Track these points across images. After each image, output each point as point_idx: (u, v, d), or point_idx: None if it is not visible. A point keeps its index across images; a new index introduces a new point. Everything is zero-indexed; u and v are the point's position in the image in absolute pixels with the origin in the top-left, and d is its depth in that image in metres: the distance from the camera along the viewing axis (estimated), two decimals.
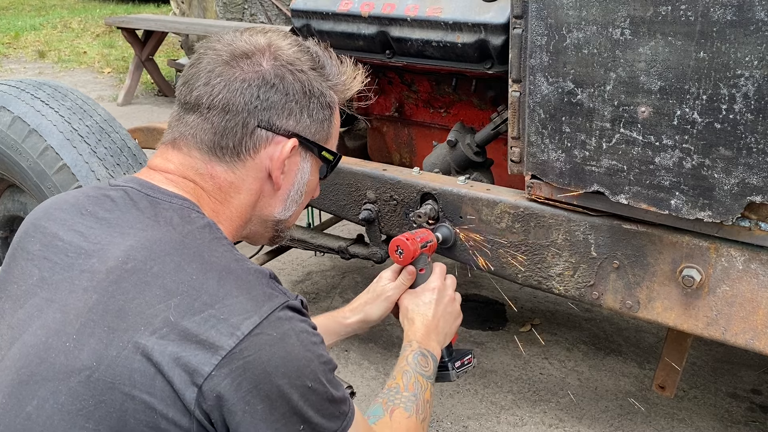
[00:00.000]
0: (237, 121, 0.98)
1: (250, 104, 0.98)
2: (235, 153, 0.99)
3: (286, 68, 1.01)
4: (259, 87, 0.99)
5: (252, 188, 1.03)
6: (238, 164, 1.00)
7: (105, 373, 0.80)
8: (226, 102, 0.98)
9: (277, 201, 1.07)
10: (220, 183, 1.00)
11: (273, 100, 0.99)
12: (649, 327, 2.63)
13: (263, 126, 0.99)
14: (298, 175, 1.07)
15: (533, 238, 1.61)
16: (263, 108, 0.99)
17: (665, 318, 1.48)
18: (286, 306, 0.87)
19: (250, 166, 1.01)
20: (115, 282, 0.85)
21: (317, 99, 1.04)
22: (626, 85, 1.32)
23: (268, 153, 1.01)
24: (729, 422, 2.14)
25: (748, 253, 1.34)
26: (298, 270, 3.16)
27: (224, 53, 1.00)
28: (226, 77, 0.98)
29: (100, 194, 0.97)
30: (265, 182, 1.03)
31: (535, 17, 1.40)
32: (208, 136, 0.99)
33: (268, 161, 1.01)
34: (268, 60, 1.00)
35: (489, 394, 2.28)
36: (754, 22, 1.15)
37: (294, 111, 1.01)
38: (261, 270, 0.92)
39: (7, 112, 1.81)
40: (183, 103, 1.01)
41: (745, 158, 1.23)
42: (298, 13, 2.14)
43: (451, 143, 1.96)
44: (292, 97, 1.01)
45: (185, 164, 1.00)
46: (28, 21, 10.04)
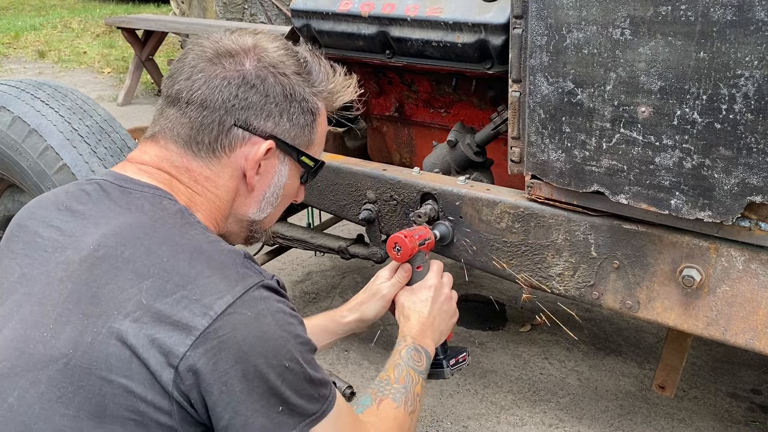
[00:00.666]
0: (214, 118, 0.99)
1: (227, 102, 0.99)
2: (210, 149, 1.00)
3: (268, 70, 1.01)
4: (239, 86, 0.99)
5: (228, 186, 1.03)
6: (213, 161, 1.01)
7: (81, 359, 0.81)
8: (204, 98, 0.98)
9: (251, 201, 1.07)
10: (196, 176, 1.01)
11: (252, 100, 1.00)
12: (649, 327, 2.63)
13: (240, 125, 1.00)
14: (275, 178, 1.07)
15: (533, 238, 1.61)
16: (241, 107, 0.99)
17: (665, 318, 1.48)
18: (261, 285, 0.87)
19: (225, 164, 1.01)
20: (87, 270, 0.86)
21: (298, 103, 1.04)
22: (626, 85, 1.32)
23: (243, 152, 1.01)
24: (729, 422, 2.14)
25: (748, 253, 1.34)
26: (298, 270, 3.17)
27: (209, 50, 1.01)
28: (207, 74, 0.99)
29: (76, 189, 0.99)
30: (240, 181, 1.04)
31: (535, 17, 1.40)
32: (185, 131, 1.00)
33: (243, 161, 1.02)
34: (252, 61, 1.01)
35: (489, 394, 2.28)
36: (754, 22, 1.15)
37: (273, 113, 1.02)
38: (235, 250, 0.92)
39: (7, 112, 1.81)
40: (165, 96, 1.03)
41: (745, 158, 1.23)
42: (298, 13, 2.14)
43: (451, 143, 1.96)
44: (272, 99, 1.01)
45: (161, 156, 1.01)
46: (28, 21, 10.04)
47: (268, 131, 1.02)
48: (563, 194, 1.53)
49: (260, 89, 1.00)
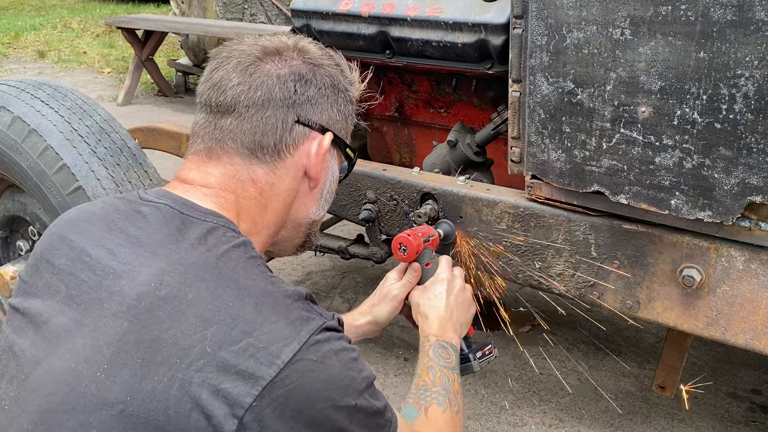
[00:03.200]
0: (277, 117, 0.97)
1: (289, 99, 0.98)
2: (275, 152, 0.98)
3: (315, 63, 1.01)
4: (296, 81, 0.98)
5: (290, 188, 1.02)
6: (279, 164, 0.99)
7: (139, 408, 0.76)
8: (265, 97, 0.97)
9: (312, 200, 1.06)
10: (262, 186, 0.99)
11: (309, 94, 0.99)
12: (649, 327, 2.63)
13: (301, 121, 0.99)
14: (329, 172, 1.07)
15: (533, 238, 1.61)
16: (300, 102, 0.99)
17: (665, 318, 1.48)
18: (324, 328, 0.85)
19: (289, 165, 1.00)
20: (147, 309, 0.81)
21: (343, 94, 1.05)
22: (626, 85, 1.32)
23: (305, 150, 1.01)
24: (729, 422, 2.14)
25: (748, 253, 1.34)
26: (298, 270, 3.16)
27: (256, 51, 1.00)
28: (263, 73, 0.97)
29: (130, 209, 0.93)
30: (301, 181, 1.03)
31: (535, 17, 1.40)
32: (248, 137, 0.97)
33: (305, 158, 1.01)
34: (298, 57, 1.01)
35: (489, 394, 2.28)
36: (754, 22, 1.15)
37: (326, 106, 1.02)
38: (297, 292, 0.90)
39: (7, 112, 1.81)
40: (214, 106, 0.98)
41: (745, 158, 1.23)
42: (298, 13, 2.14)
43: (451, 143, 1.96)
44: (324, 91, 1.01)
45: (226, 174, 0.97)
46: (28, 21, 10.04)
47: (324, 124, 1.02)
48: (563, 194, 1.52)
49: (314, 82, 1.00)
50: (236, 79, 0.97)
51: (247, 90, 0.96)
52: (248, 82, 0.97)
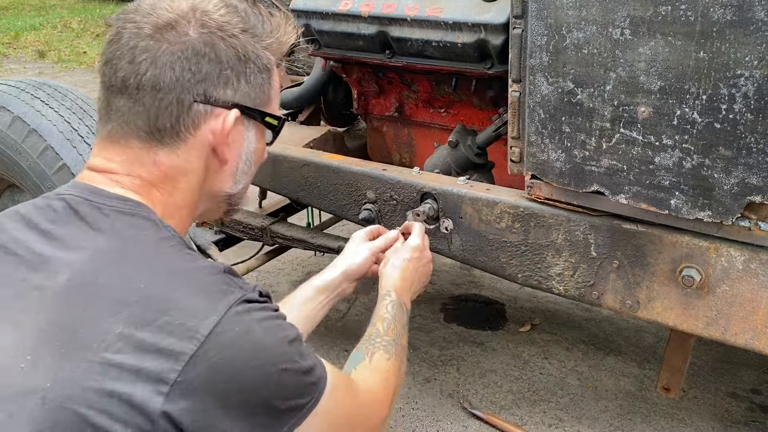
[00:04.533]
0: (171, 99, 0.91)
1: (182, 78, 0.91)
2: (174, 133, 0.93)
3: (215, 35, 0.93)
4: (189, 59, 0.91)
5: (198, 167, 0.97)
6: (180, 144, 0.94)
7: (59, 393, 0.76)
8: (155, 80, 0.90)
9: (225, 175, 1.02)
10: (165, 170, 0.95)
11: (206, 70, 0.92)
12: (649, 327, 2.63)
13: (200, 100, 0.93)
14: (244, 145, 1.02)
15: (533, 238, 1.61)
16: (197, 81, 0.92)
17: (665, 318, 1.48)
18: (244, 300, 0.85)
19: (192, 145, 0.95)
20: (64, 299, 0.82)
21: (253, 63, 0.97)
22: (626, 85, 1.32)
23: (209, 127, 0.95)
24: (729, 422, 2.14)
25: (748, 253, 1.34)
26: (298, 270, 3.16)
27: (146, 26, 0.92)
28: (152, 52, 0.90)
29: (44, 204, 0.92)
30: (210, 158, 0.98)
31: (535, 17, 1.40)
32: (143, 120, 0.92)
33: (210, 136, 0.95)
34: (195, 27, 0.93)
35: (489, 394, 2.28)
36: (754, 22, 1.15)
37: (231, 79, 0.95)
38: (213, 266, 0.89)
39: (7, 112, 1.81)
40: (109, 85, 0.93)
41: (745, 158, 1.23)
42: (298, 13, 2.14)
43: (452, 144, 1.96)
44: (227, 64, 0.94)
45: (128, 160, 0.94)
46: (28, 21, 10.04)
47: (230, 99, 0.96)
48: (563, 194, 1.53)
49: (212, 57, 0.93)
50: (126, 58, 0.91)
51: (137, 71, 0.90)
52: (137, 63, 0.90)
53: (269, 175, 2.11)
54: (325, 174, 1.95)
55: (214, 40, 0.93)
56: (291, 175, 2.04)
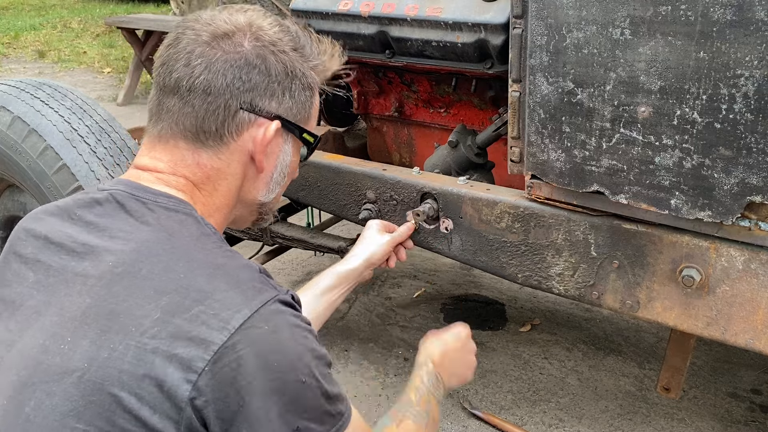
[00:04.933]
0: (219, 103, 0.96)
1: (232, 85, 0.96)
2: (218, 136, 0.98)
3: (267, 49, 0.99)
4: (241, 68, 0.97)
5: (236, 172, 1.02)
6: (222, 148, 0.99)
7: (95, 374, 0.80)
8: (207, 84, 0.96)
9: (260, 184, 1.06)
10: (208, 171, 0.99)
11: (255, 81, 0.98)
12: (648, 327, 2.63)
13: (246, 108, 0.98)
14: (281, 157, 1.06)
15: (533, 238, 1.61)
16: (245, 89, 0.97)
17: (665, 318, 1.48)
18: (278, 300, 0.87)
19: (233, 149, 1.00)
20: (106, 286, 0.86)
21: (299, 80, 1.03)
22: (626, 85, 1.32)
23: (251, 135, 1.00)
24: (729, 422, 2.14)
25: (748, 253, 1.34)
26: (298, 270, 3.16)
27: (204, 33, 0.97)
28: (207, 58, 0.96)
29: (88, 198, 0.97)
30: (248, 165, 1.03)
31: (535, 17, 1.40)
32: (190, 121, 0.97)
33: (251, 144, 1.00)
34: (250, 40, 0.98)
35: (489, 394, 2.28)
36: (754, 22, 1.15)
37: (276, 92, 1.00)
38: (250, 264, 0.92)
39: (7, 112, 1.81)
40: (162, 86, 0.99)
41: (745, 158, 1.23)
42: (298, 13, 2.14)
43: (452, 144, 1.96)
44: (275, 78, 0.99)
45: (174, 159, 0.99)
46: (28, 21, 10.04)
47: (273, 111, 1.01)
48: (563, 194, 1.52)
49: (262, 69, 0.98)
50: (182, 61, 0.96)
51: (191, 74, 0.96)
52: (192, 66, 0.96)
53: None
54: (325, 174, 1.95)
55: (266, 54, 0.98)
56: None
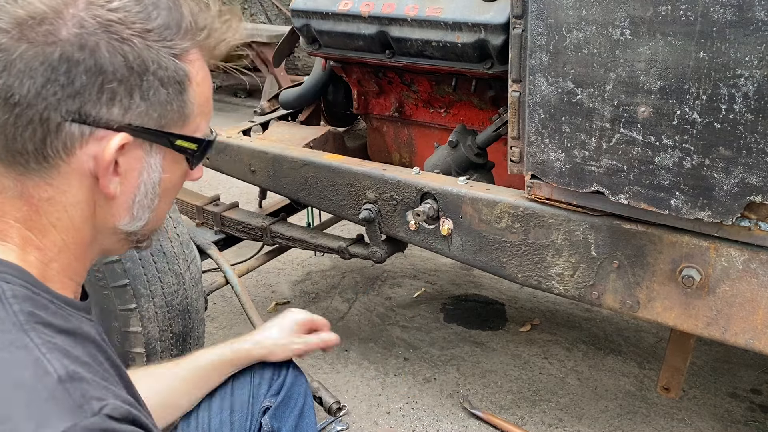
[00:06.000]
0: (31, 116, 0.71)
1: (45, 91, 0.70)
2: (41, 157, 0.73)
3: (97, 35, 0.71)
4: (56, 67, 0.70)
5: (79, 200, 0.77)
6: (51, 171, 0.74)
7: None
8: (8, 90, 0.70)
9: (118, 211, 0.81)
10: (35, 203, 0.75)
11: (81, 82, 0.71)
12: (649, 327, 2.63)
13: (73, 119, 0.72)
14: (144, 175, 0.80)
15: (533, 238, 1.61)
16: (68, 95, 0.71)
17: (665, 318, 1.48)
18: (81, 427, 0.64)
19: (66, 173, 0.75)
20: None
21: (152, 74, 0.75)
22: (626, 85, 1.32)
23: (88, 153, 0.74)
24: (729, 422, 2.14)
25: (748, 253, 1.34)
26: (298, 270, 3.16)
27: (5, 19, 0.70)
28: (7, 53, 0.69)
29: None
30: (95, 190, 0.77)
31: (535, 17, 1.40)
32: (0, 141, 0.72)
33: (91, 163, 0.75)
34: (71, 24, 0.71)
35: (489, 394, 2.28)
36: (754, 22, 1.15)
37: (118, 94, 0.74)
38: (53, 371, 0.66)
39: None
40: None
41: (745, 158, 1.23)
42: (298, 13, 2.14)
43: (452, 144, 1.96)
44: (112, 76, 0.72)
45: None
46: None
47: (116, 120, 0.74)
48: (563, 194, 1.53)
49: (90, 65, 0.71)
50: None
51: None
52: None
53: (269, 175, 2.11)
54: (325, 174, 1.95)
55: (96, 44, 0.71)
56: (291, 175, 2.04)
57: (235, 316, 2.73)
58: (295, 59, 5.87)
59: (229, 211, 2.38)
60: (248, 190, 3.63)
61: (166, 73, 0.77)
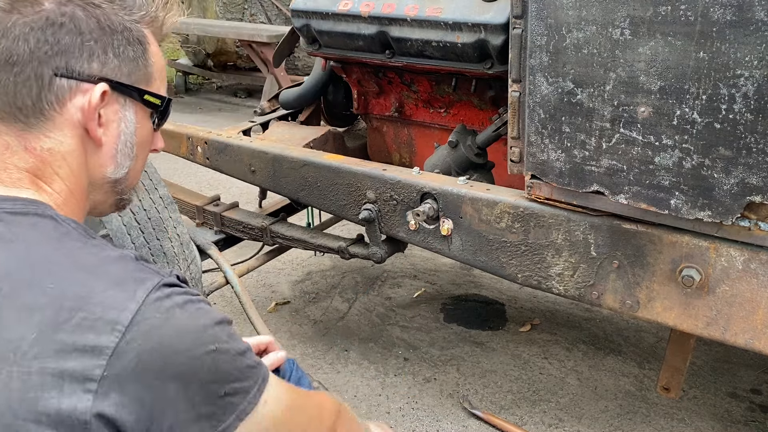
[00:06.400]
0: (28, 73, 0.86)
1: (38, 50, 0.85)
2: (38, 111, 0.87)
3: (73, 4, 0.88)
4: (44, 29, 0.85)
5: (74, 149, 0.91)
6: (47, 124, 0.88)
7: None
8: (8, 53, 0.85)
9: (104, 159, 0.95)
10: (40, 155, 0.89)
11: (66, 42, 0.87)
12: (648, 327, 2.63)
13: (62, 74, 0.87)
14: (122, 125, 0.95)
15: (533, 238, 1.61)
16: (55, 53, 0.86)
17: (665, 318, 1.48)
18: (161, 285, 0.81)
19: (60, 124, 0.89)
20: None
21: (121, 34, 0.91)
22: (626, 85, 1.32)
23: (76, 104, 0.89)
24: (729, 422, 2.14)
25: (747, 253, 1.34)
26: (298, 270, 3.17)
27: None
28: (3, 24, 0.85)
29: None
30: (85, 139, 0.92)
31: (535, 17, 1.40)
32: (2, 99, 0.86)
33: (79, 114, 0.89)
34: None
35: (489, 394, 2.28)
36: (754, 22, 1.15)
37: (95, 51, 0.89)
38: (124, 255, 0.85)
39: None
40: None
41: (745, 158, 1.23)
42: (298, 13, 2.14)
43: (452, 144, 1.96)
44: (89, 35, 0.88)
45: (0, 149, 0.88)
46: None
47: (96, 73, 0.89)
48: (563, 194, 1.53)
49: (71, 27, 0.87)
50: None
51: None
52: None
53: (269, 175, 2.11)
54: (325, 174, 1.95)
55: (73, 10, 0.88)
56: (291, 175, 2.04)
57: (235, 316, 2.73)
58: (295, 59, 5.88)
59: (229, 211, 2.38)
60: (248, 190, 3.64)
61: (131, 34, 0.94)
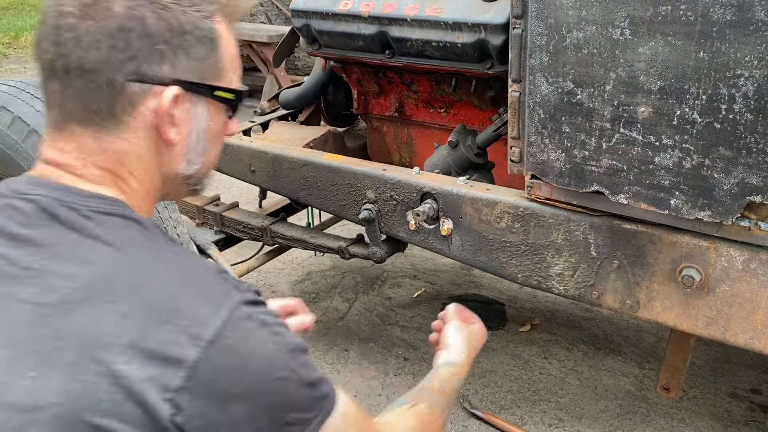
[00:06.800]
0: (101, 81, 0.86)
1: (110, 58, 0.85)
2: (111, 115, 0.88)
3: (143, 7, 0.87)
4: (115, 36, 0.85)
5: (148, 149, 0.93)
6: (122, 127, 0.90)
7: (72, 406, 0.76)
8: (80, 62, 0.85)
9: (177, 156, 0.96)
10: (119, 157, 0.91)
11: (136, 47, 0.86)
12: (648, 327, 2.63)
13: (133, 79, 0.87)
14: (194, 124, 0.96)
15: (533, 238, 1.61)
16: (126, 59, 0.86)
17: (665, 318, 1.48)
18: (243, 302, 0.84)
19: (135, 127, 0.90)
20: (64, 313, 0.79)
21: (190, 34, 0.91)
22: (626, 85, 1.32)
23: (149, 107, 0.90)
24: (729, 422, 2.14)
25: (747, 253, 1.34)
26: (298, 270, 3.17)
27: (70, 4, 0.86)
28: (76, 32, 0.85)
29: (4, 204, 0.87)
30: (158, 140, 0.93)
31: (535, 17, 1.40)
32: (76, 104, 0.88)
33: (152, 116, 0.90)
34: (120, 1, 0.86)
35: (489, 394, 2.28)
36: (754, 22, 1.15)
37: (166, 54, 0.89)
38: (207, 266, 0.88)
39: (7, 112, 1.81)
40: (41, 69, 0.89)
41: (745, 158, 1.23)
42: (298, 13, 2.14)
43: (452, 144, 1.96)
44: (159, 38, 0.88)
45: (77, 149, 0.90)
46: (28, 21, 10.03)
47: (168, 75, 0.90)
48: (563, 194, 1.53)
49: (141, 32, 0.86)
50: (51, 38, 0.86)
51: (62, 53, 0.85)
52: (62, 44, 0.85)
53: (269, 175, 2.11)
54: (325, 174, 1.95)
55: (143, 13, 0.87)
56: (291, 175, 2.04)
57: None
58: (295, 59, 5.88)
59: (229, 211, 2.38)
60: (248, 190, 3.63)
61: (201, 32, 0.92)
